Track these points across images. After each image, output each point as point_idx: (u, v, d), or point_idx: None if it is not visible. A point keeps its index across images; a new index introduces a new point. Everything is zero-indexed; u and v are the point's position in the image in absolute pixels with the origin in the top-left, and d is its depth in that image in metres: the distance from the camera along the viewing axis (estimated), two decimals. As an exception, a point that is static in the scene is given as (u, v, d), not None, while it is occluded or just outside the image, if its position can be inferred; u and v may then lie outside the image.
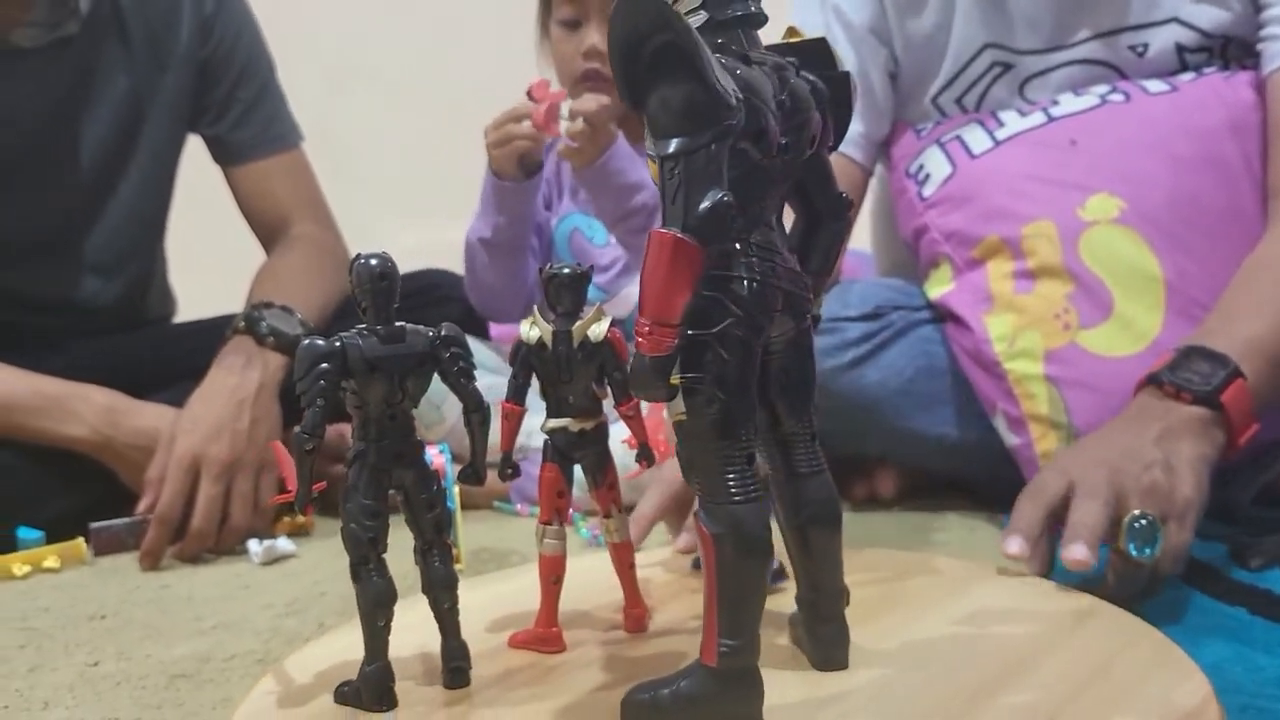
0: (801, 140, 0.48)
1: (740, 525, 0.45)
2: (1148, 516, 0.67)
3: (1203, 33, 1.03)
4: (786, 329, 0.49)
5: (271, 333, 1.09)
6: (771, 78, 0.46)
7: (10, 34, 1.10)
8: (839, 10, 1.12)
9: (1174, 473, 0.70)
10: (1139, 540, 0.67)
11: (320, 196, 1.33)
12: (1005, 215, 1.00)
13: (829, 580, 0.52)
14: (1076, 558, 0.65)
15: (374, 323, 0.55)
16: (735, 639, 0.45)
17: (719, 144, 0.42)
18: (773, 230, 0.48)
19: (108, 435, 1.03)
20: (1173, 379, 0.77)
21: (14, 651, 0.76)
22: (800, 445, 0.51)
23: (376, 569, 0.53)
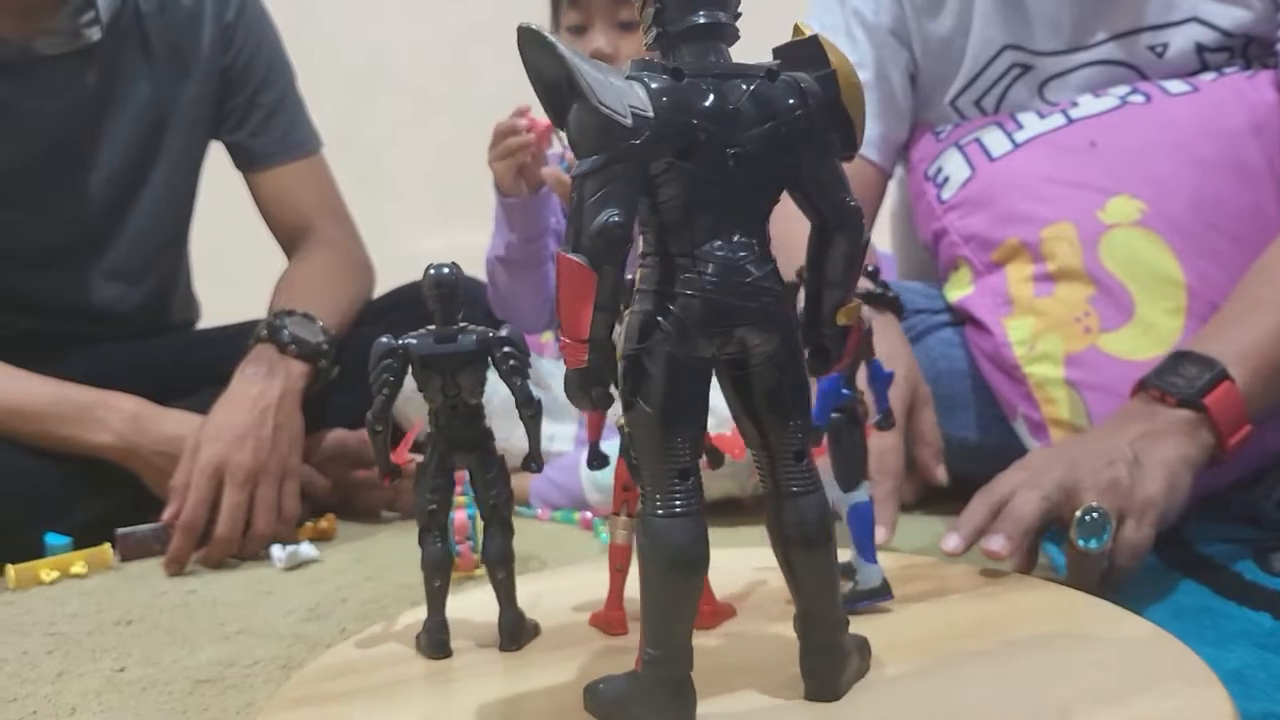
0: (770, 148, 0.46)
1: (664, 539, 0.45)
2: (1099, 510, 0.68)
3: (1223, 32, 1.02)
4: (763, 343, 0.46)
5: (293, 341, 1.10)
6: (714, 88, 0.45)
7: (33, 42, 1.11)
8: (859, 12, 1.12)
9: (1141, 469, 0.71)
10: (1085, 532, 0.68)
11: (341, 202, 1.34)
12: (1024, 218, 0.99)
13: (816, 606, 0.49)
14: (991, 548, 0.67)
15: (438, 324, 0.61)
16: (657, 649, 0.46)
17: (617, 165, 0.43)
18: (739, 243, 0.46)
19: (134, 442, 1.05)
20: (1158, 383, 0.77)
21: (42, 657, 0.77)
22: (785, 463, 0.48)
23: (438, 537, 0.60)
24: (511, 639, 0.60)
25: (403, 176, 2.27)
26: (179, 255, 1.35)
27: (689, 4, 0.46)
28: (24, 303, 1.19)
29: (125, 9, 1.17)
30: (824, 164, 0.48)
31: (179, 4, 1.21)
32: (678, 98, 0.44)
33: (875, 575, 0.62)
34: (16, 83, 1.12)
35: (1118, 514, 0.69)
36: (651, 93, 0.44)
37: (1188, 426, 0.75)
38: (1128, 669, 0.53)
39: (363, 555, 1.03)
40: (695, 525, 0.46)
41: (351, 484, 1.19)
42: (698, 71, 0.46)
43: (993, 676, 0.53)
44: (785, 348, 0.47)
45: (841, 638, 0.50)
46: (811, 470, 0.49)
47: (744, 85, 0.46)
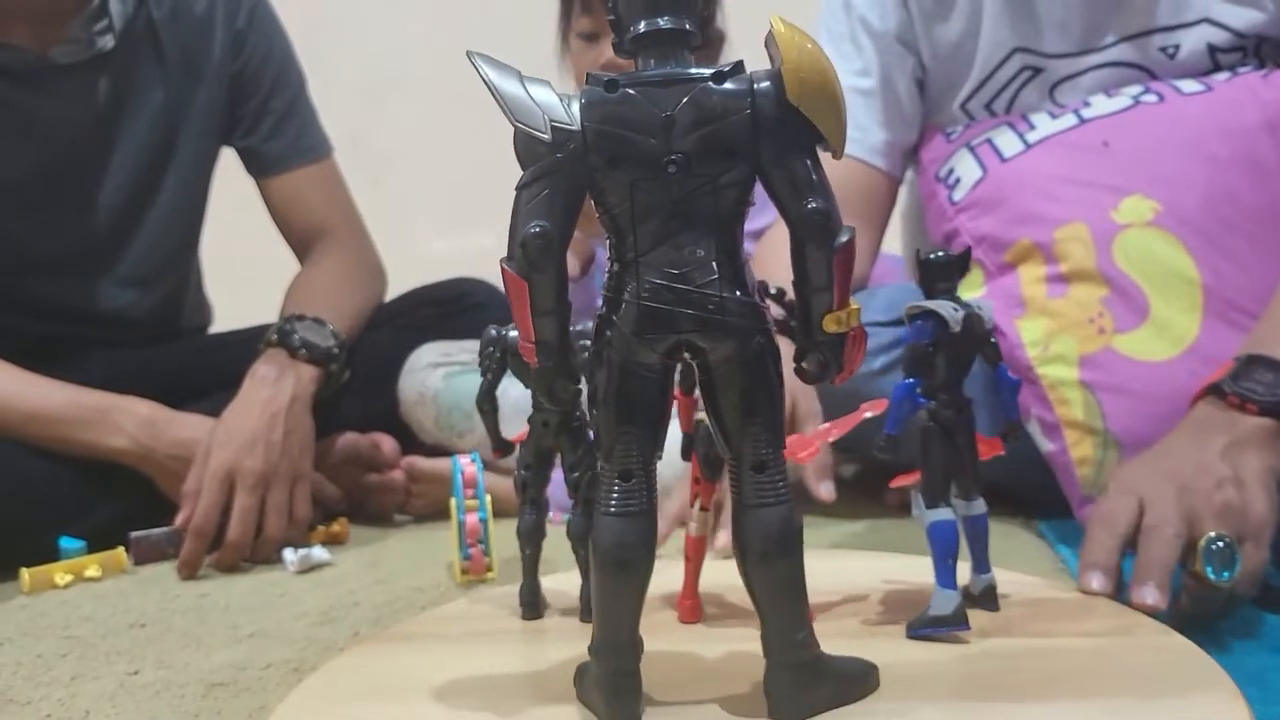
0: (709, 153, 0.45)
1: (600, 536, 0.47)
2: (1225, 539, 0.65)
3: (1235, 33, 1.02)
4: (714, 350, 0.46)
5: (304, 345, 1.11)
6: (649, 97, 0.45)
7: (47, 50, 1.12)
8: (865, 19, 1.12)
9: (1245, 489, 0.68)
10: (1217, 563, 0.64)
11: (352, 206, 1.34)
12: (1037, 219, 0.99)
13: (773, 624, 0.48)
14: (1147, 602, 0.63)
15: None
16: (601, 641, 0.48)
17: (543, 179, 0.46)
18: (686, 249, 0.46)
19: (148, 446, 1.05)
20: (1236, 389, 0.74)
21: (57, 660, 0.78)
22: (747, 473, 0.47)
23: (529, 509, 0.69)
24: (533, 608, 0.67)
25: (414, 180, 2.27)
26: (191, 260, 1.36)
27: (638, 12, 0.47)
28: (39, 308, 1.19)
29: (138, 17, 1.17)
30: (783, 165, 0.46)
31: (191, 11, 1.22)
32: (607, 110, 0.46)
33: (948, 602, 0.57)
34: (32, 91, 1.13)
35: (1238, 538, 0.66)
36: (581, 107, 0.46)
37: (1268, 436, 0.72)
38: (1143, 671, 0.52)
39: (375, 559, 1.03)
40: (628, 525, 0.47)
41: (363, 487, 1.19)
42: (639, 80, 0.46)
43: (1005, 681, 0.52)
44: (745, 355, 0.46)
45: (804, 658, 0.48)
46: (775, 483, 0.47)
47: (684, 91, 0.46)
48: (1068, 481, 0.93)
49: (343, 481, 1.18)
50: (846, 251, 0.46)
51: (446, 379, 1.21)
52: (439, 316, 1.30)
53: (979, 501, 0.61)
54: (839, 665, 0.50)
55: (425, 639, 0.65)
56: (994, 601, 0.61)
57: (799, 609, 0.48)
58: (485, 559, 0.92)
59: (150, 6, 1.18)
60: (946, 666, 0.54)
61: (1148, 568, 0.64)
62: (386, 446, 1.20)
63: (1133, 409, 0.89)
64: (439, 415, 1.21)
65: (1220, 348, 0.86)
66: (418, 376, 1.22)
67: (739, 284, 0.47)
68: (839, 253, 0.46)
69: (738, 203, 0.47)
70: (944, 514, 0.58)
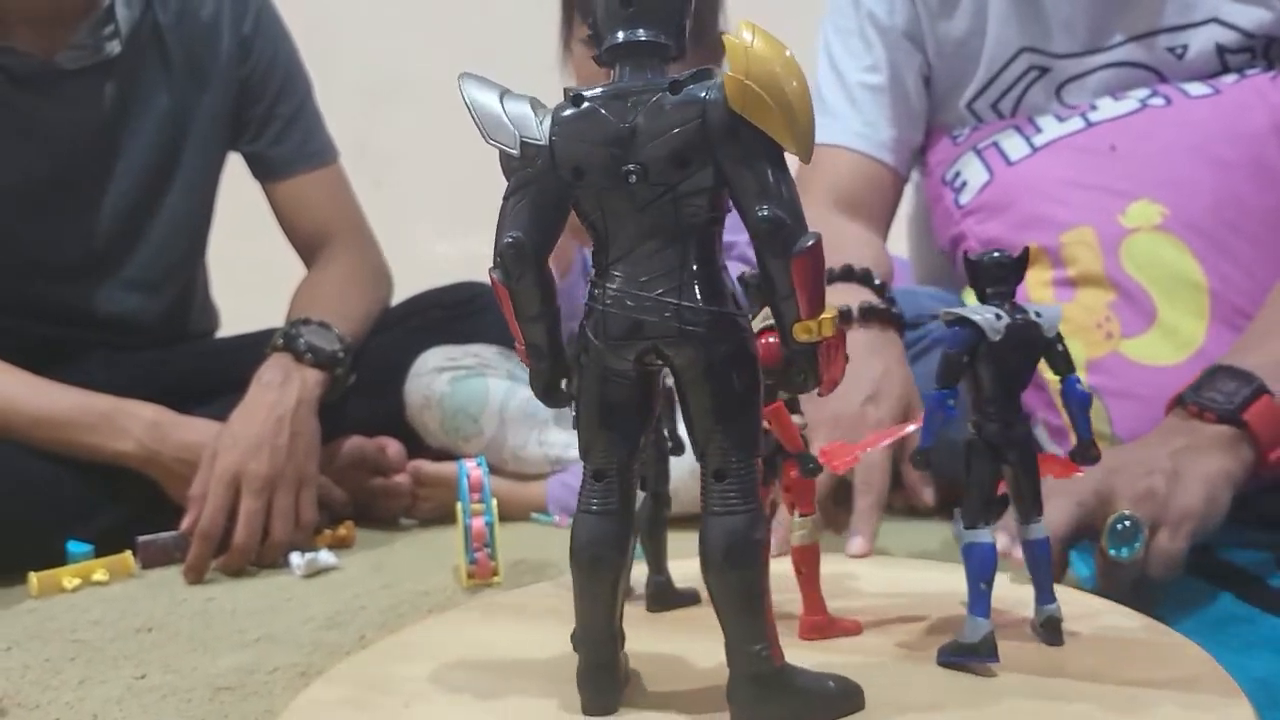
0: (666, 163, 0.46)
1: (575, 532, 0.49)
2: (1131, 519, 0.67)
3: (1244, 33, 1.01)
4: (678, 357, 0.47)
5: (309, 349, 1.11)
6: (611, 109, 0.46)
7: (54, 56, 1.12)
8: (873, 15, 1.12)
9: (1179, 481, 0.70)
10: (1117, 540, 0.67)
11: (358, 210, 1.34)
12: (1044, 223, 0.99)
13: (729, 634, 0.47)
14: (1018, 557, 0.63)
15: None
16: (579, 628, 0.50)
17: (519, 190, 0.48)
18: (651, 258, 0.46)
19: (155, 450, 1.05)
20: (1196, 399, 0.76)
21: (64, 664, 0.78)
22: (708, 480, 0.47)
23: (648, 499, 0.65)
24: (655, 600, 0.64)
25: (419, 184, 2.27)
26: (198, 265, 1.36)
27: (614, 24, 0.47)
28: (46, 312, 1.20)
29: (144, 22, 1.18)
30: (738, 173, 0.46)
31: (196, 17, 1.22)
32: (571, 123, 0.47)
33: (977, 630, 0.53)
34: (38, 96, 1.13)
35: (1152, 523, 0.68)
36: (551, 121, 0.48)
37: (1228, 442, 0.73)
38: (1150, 677, 0.52)
39: (381, 562, 1.04)
40: (598, 524, 0.49)
41: (369, 491, 1.19)
42: (603, 93, 0.47)
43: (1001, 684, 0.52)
44: (707, 363, 0.46)
45: (763, 670, 0.47)
46: (733, 492, 0.47)
47: (643, 102, 0.46)
48: (1075, 485, 0.93)
49: (349, 485, 1.18)
50: (806, 259, 0.45)
51: (452, 383, 1.21)
52: (445, 320, 1.30)
53: (1038, 525, 0.56)
54: (806, 681, 0.48)
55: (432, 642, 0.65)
56: (1057, 634, 0.56)
57: (756, 621, 0.47)
58: (491, 563, 0.92)
59: (156, 11, 1.19)
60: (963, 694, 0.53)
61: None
62: (392, 450, 1.20)
63: (1139, 414, 0.89)
64: (445, 419, 1.21)
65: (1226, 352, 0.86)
66: (424, 380, 1.22)
67: (705, 293, 0.46)
68: (796, 260, 0.45)
69: (707, 211, 0.47)
70: (981, 536, 0.54)
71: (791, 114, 0.44)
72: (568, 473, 1.18)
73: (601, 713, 0.50)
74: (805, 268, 0.45)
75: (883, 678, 0.52)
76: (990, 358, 0.54)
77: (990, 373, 0.54)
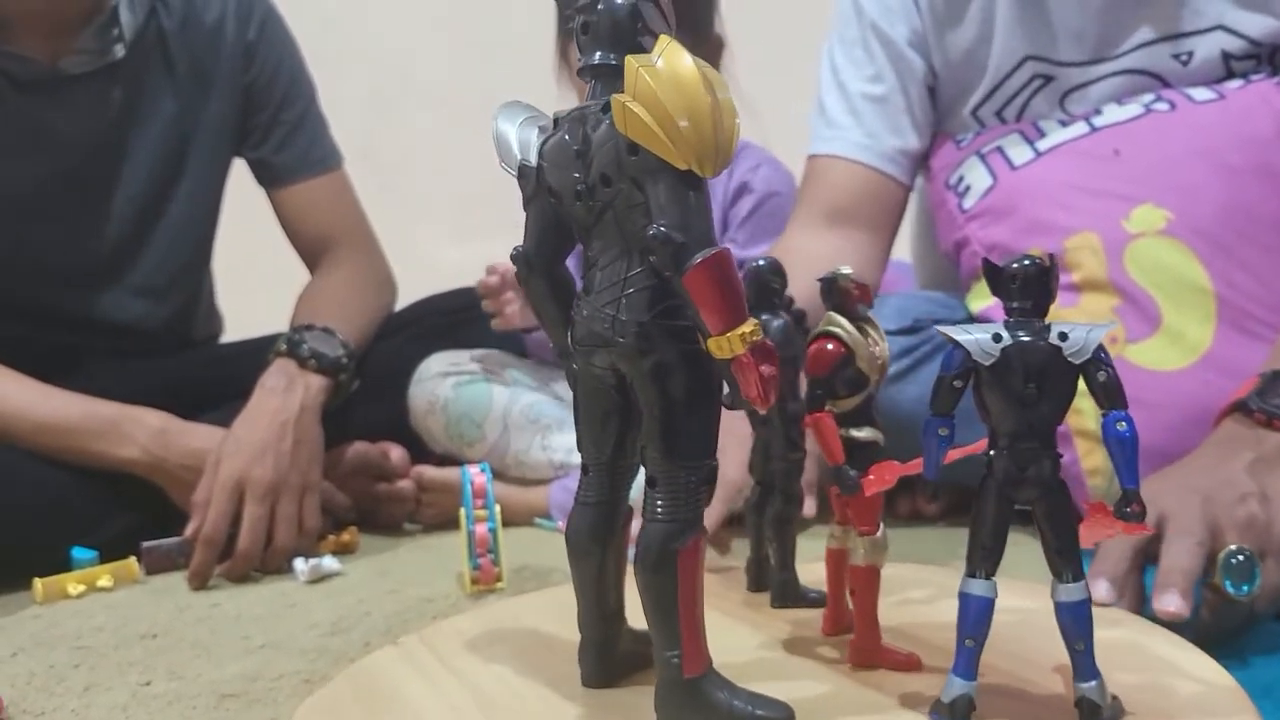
0: (596, 181, 0.47)
1: (568, 521, 0.54)
2: (1245, 552, 0.64)
3: (1250, 40, 1.01)
4: (620, 365, 0.49)
5: (313, 355, 1.11)
6: (568, 131, 0.49)
7: (59, 61, 1.13)
8: (876, 25, 1.12)
9: (1270, 504, 0.67)
10: (1236, 577, 0.64)
11: (362, 216, 1.34)
12: (1048, 227, 0.98)
13: (653, 637, 0.48)
14: (1169, 610, 0.61)
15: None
16: (578, 608, 0.54)
17: (526, 210, 0.53)
18: (605, 270, 0.48)
19: (160, 456, 1.06)
20: (1262, 405, 0.73)
21: (69, 671, 0.78)
22: (649, 488, 0.48)
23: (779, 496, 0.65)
24: (780, 598, 0.65)
25: (424, 189, 2.28)
26: (204, 271, 1.37)
27: (585, 46, 0.50)
28: (51, 318, 1.20)
29: (148, 27, 1.18)
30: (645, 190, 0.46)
31: (201, 22, 1.22)
32: (549, 147, 0.51)
33: (952, 690, 0.48)
34: (43, 101, 1.14)
35: (1259, 553, 0.65)
36: (543, 145, 0.51)
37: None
38: (1153, 683, 0.52)
39: (386, 568, 1.03)
40: (581, 514, 0.53)
41: (373, 497, 1.20)
42: (573, 115, 0.50)
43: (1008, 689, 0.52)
44: (640, 373, 0.48)
45: (674, 677, 0.48)
46: (660, 499, 0.48)
47: (595, 123, 0.48)
48: (1078, 492, 0.93)
49: (352, 491, 1.18)
50: (698, 274, 0.44)
51: (456, 388, 1.21)
52: (449, 326, 1.30)
53: (1071, 586, 0.48)
54: (719, 698, 0.48)
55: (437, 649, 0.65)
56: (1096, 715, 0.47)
57: (669, 627, 0.48)
58: (495, 569, 0.92)
59: (160, 17, 1.19)
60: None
61: (1170, 574, 0.63)
62: (396, 456, 1.20)
63: (1145, 419, 0.87)
64: (448, 424, 1.21)
65: (1234, 357, 0.86)
66: (427, 386, 1.22)
67: (641, 304, 0.47)
68: (687, 276, 0.44)
69: (644, 225, 0.47)
70: (975, 586, 0.48)
71: (676, 133, 0.44)
72: (571, 478, 1.18)
73: (598, 685, 0.54)
74: (698, 283, 0.44)
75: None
76: (991, 384, 0.48)
77: (995, 401, 0.48)
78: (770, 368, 0.45)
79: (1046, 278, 0.48)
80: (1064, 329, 0.48)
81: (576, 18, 0.49)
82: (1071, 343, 0.48)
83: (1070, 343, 0.48)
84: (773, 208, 1.28)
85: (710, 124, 0.44)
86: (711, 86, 0.45)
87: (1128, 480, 0.47)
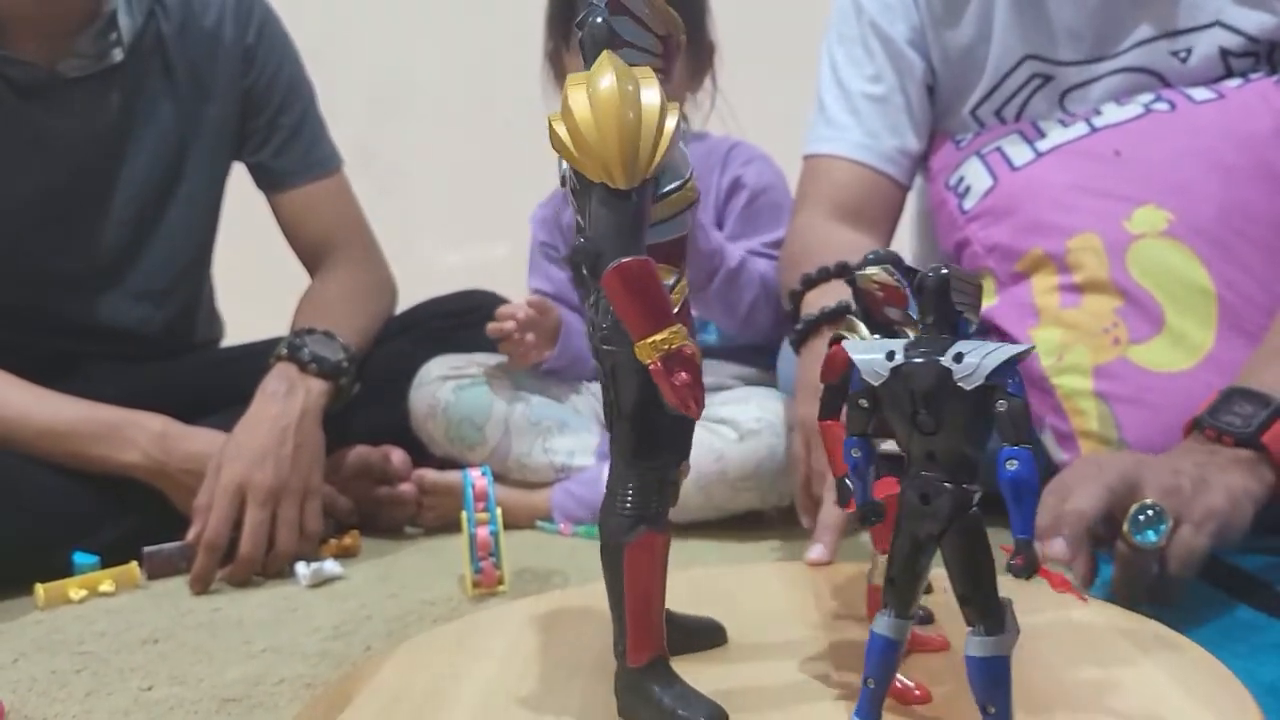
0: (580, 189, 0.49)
1: None
2: (1156, 507, 0.66)
3: (1248, 37, 1.01)
4: (601, 366, 0.50)
5: (314, 359, 1.11)
6: None
7: (57, 65, 1.13)
8: (875, 24, 1.12)
9: (1204, 484, 0.70)
10: (1141, 526, 0.66)
11: (362, 220, 1.34)
12: (1049, 228, 0.98)
13: (613, 622, 0.50)
14: (1052, 552, 0.64)
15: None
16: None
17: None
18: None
19: (161, 461, 1.06)
20: (1214, 422, 0.75)
21: (71, 676, 0.78)
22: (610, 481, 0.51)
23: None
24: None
25: (424, 193, 2.28)
26: (204, 275, 1.36)
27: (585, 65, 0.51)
28: (51, 323, 1.20)
29: (147, 31, 1.18)
30: (584, 203, 0.48)
31: (200, 26, 1.22)
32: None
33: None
34: (41, 105, 1.14)
35: (1175, 517, 0.67)
36: None
37: (1248, 464, 0.73)
38: (1158, 682, 0.52)
39: (387, 572, 1.03)
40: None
41: (374, 500, 1.19)
42: None
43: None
44: (606, 372, 0.49)
45: (621, 668, 0.50)
46: (617, 496, 0.49)
47: None
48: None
49: (354, 494, 1.18)
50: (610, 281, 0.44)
51: (456, 391, 1.21)
52: (449, 329, 1.30)
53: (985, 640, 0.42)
54: (655, 692, 0.49)
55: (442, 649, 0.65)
56: None
57: (619, 617, 0.50)
58: (496, 572, 0.92)
59: (159, 21, 1.19)
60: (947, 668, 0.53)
61: (1063, 516, 0.66)
62: (397, 459, 1.20)
63: (1148, 420, 0.88)
64: (449, 428, 1.21)
65: (1236, 358, 0.86)
66: (428, 389, 1.22)
67: (611, 315, 0.48)
68: (602, 283, 0.45)
69: None
70: (879, 624, 0.44)
71: (587, 147, 0.45)
72: (572, 481, 1.18)
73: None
74: (611, 291, 0.45)
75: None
76: (887, 406, 0.44)
77: (895, 424, 0.44)
78: (686, 375, 0.44)
79: (946, 289, 0.43)
80: (963, 349, 0.42)
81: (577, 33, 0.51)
82: (964, 366, 0.42)
83: (963, 366, 0.42)
84: (766, 202, 1.28)
85: (617, 136, 0.45)
86: (631, 99, 0.45)
87: (1017, 528, 0.41)
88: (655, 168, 0.46)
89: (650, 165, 0.45)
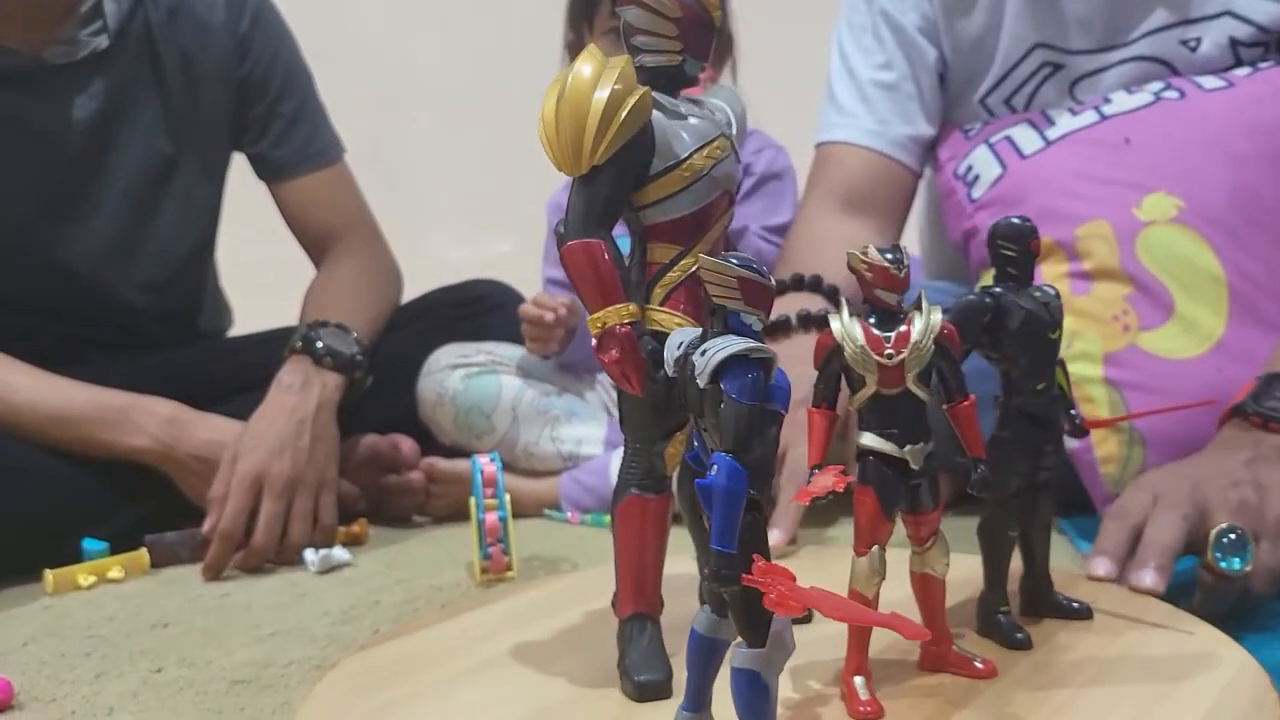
0: None
1: None
2: (1237, 530, 0.65)
3: (1258, 27, 1.01)
4: None
5: (329, 353, 1.11)
6: None
7: (41, 51, 1.11)
8: (886, 12, 1.12)
9: (1265, 491, 0.68)
10: (1227, 552, 0.64)
11: (365, 209, 1.34)
12: (1058, 216, 0.98)
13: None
14: (1144, 584, 0.63)
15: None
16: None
17: None
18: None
19: (170, 446, 1.05)
20: (1258, 409, 0.74)
21: (80, 659, 0.78)
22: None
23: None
24: (1030, 605, 0.61)
25: (431, 187, 2.28)
26: (207, 264, 1.35)
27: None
28: (56, 311, 1.19)
29: (134, 19, 1.16)
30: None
31: (190, 14, 1.20)
32: None
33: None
34: (28, 93, 1.12)
35: (1253, 535, 0.66)
36: None
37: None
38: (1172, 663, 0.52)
39: (395, 559, 1.03)
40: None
41: (383, 488, 1.19)
42: None
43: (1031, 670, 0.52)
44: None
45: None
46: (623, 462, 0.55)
47: None
48: (1091, 479, 0.92)
49: (362, 482, 1.18)
50: (564, 259, 0.51)
51: (465, 380, 1.21)
52: (457, 318, 1.30)
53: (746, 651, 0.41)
54: (624, 645, 0.54)
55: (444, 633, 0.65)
56: None
57: (615, 572, 0.55)
58: (505, 558, 0.92)
59: (147, 8, 1.17)
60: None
61: (1148, 549, 0.65)
62: (406, 447, 1.20)
63: (1157, 406, 0.88)
64: (458, 416, 1.21)
65: (1247, 345, 0.85)
66: (436, 378, 1.22)
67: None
68: (561, 261, 0.51)
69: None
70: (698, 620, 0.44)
71: (547, 140, 0.51)
72: (580, 470, 1.18)
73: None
74: (566, 269, 0.51)
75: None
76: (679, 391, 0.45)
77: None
78: (615, 353, 0.49)
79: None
80: (710, 345, 0.41)
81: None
82: (699, 364, 0.41)
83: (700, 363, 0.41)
84: (771, 189, 1.28)
85: (571, 125, 0.50)
86: (579, 93, 0.49)
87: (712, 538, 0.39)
88: (603, 155, 0.50)
89: (599, 153, 0.50)
